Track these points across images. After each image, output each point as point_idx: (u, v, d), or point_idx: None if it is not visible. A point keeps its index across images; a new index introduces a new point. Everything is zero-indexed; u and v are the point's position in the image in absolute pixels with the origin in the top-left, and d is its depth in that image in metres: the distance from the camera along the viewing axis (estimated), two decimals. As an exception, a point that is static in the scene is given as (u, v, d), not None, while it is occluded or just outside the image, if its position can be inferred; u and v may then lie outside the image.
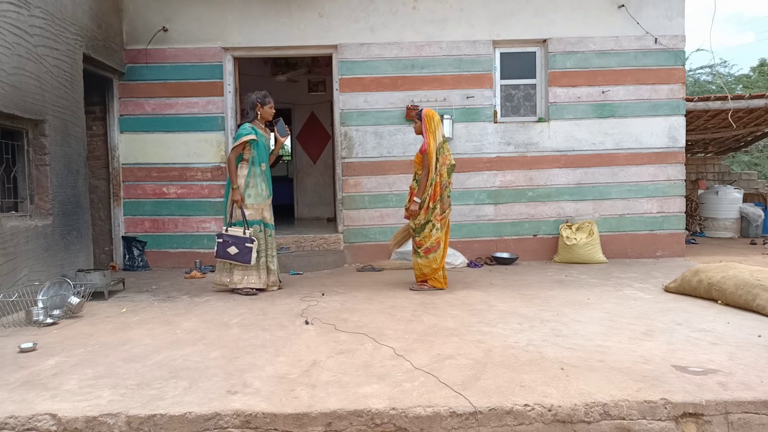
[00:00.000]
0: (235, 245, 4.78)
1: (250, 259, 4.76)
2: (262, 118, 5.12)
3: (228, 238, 4.82)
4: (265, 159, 5.10)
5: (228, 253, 4.79)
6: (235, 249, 4.77)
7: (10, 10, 4.39)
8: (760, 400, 2.41)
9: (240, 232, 4.82)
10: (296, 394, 2.51)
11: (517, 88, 6.88)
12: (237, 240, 4.79)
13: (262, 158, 5.06)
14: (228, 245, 4.79)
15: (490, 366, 2.84)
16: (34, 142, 4.89)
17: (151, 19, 6.56)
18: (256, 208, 4.98)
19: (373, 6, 6.60)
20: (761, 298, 3.89)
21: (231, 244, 4.79)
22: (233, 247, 4.78)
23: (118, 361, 3.05)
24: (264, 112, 5.09)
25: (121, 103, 6.63)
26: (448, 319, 3.85)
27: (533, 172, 6.73)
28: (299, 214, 10.20)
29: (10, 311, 4.04)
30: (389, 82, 6.65)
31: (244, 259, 4.76)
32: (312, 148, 10.25)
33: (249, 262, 4.77)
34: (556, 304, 4.29)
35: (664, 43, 6.61)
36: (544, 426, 2.34)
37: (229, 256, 4.79)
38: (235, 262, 4.81)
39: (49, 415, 2.35)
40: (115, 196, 6.67)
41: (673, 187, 6.77)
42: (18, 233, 4.48)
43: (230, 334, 3.57)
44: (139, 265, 6.48)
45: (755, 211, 9.16)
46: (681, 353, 3.01)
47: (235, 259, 4.79)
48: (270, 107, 5.12)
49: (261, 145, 5.02)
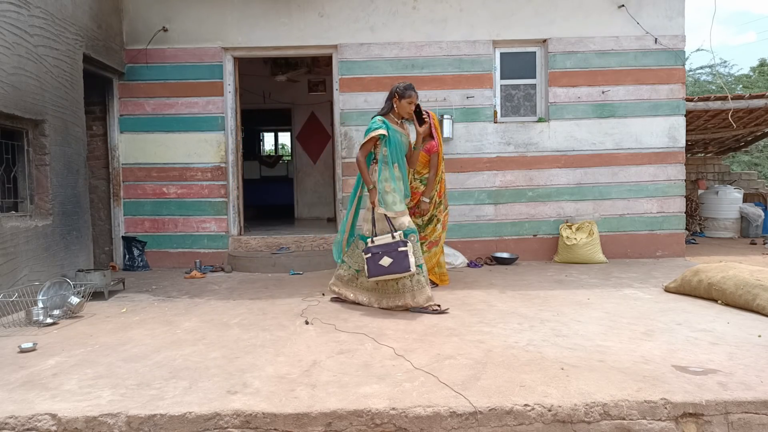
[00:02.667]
0: (386, 255, 4.05)
1: (410, 265, 4.00)
2: (398, 113, 4.40)
3: (377, 250, 4.09)
4: (399, 159, 4.33)
5: (382, 267, 4.05)
6: (388, 259, 4.04)
7: (10, 10, 4.39)
8: (760, 400, 2.41)
9: (387, 238, 4.10)
10: (296, 394, 2.51)
11: (517, 88, 6.88)
12: (387, 248, 4.06)
13: (396, 158, 4.30)
14: (379, 257, 4.06)
15: (490, 366, 2.84)
16: (34, 142, 4.89)
17: (151, 19, 6.56)
18: (390, 216, 4.22)
19: (373, 6, 6.60)
20: (761, 298, 3.89)
21: (382, 255, 4.06)
22: (385, 257, 4.04)
23: (118, 361, 3.05)
24: (401, 106, 4.36)
25: (121, 103, 6.63)
26: (448, 319, 3.85)
27: (533, 172, 6.73)
28: (299, 214, 10.20)
29: (10, 311, 4.04)
30: (389, 82, 6.60)
31: (403, 267, 4.01)
32: (312, 148, 10.25)
33: (409, 269, 4.00)
34: (556, 304, 4.29)
35: (664, 43, 6.61)
36: (544, 426, 2.34)
37: (383, 270, 4.05)
38: (393, 275, 4.06)
39: (49, 415, 2.35)
40: (115, 196, 6.67)
41: (673, 187, 6.77)
42: (18, 233, 4.48)
43: (230, 334, 3.57)
44: (139, 265, 6.49)
45: (755, 211, 9.16)
46: (681, 353, 3.01)
47: (393, 271, 4.04)
48: (409, 102, 4.35)
49: (394, 142, 4.27)
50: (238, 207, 6.85)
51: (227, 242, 6.70)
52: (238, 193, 6.82)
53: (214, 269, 6.34)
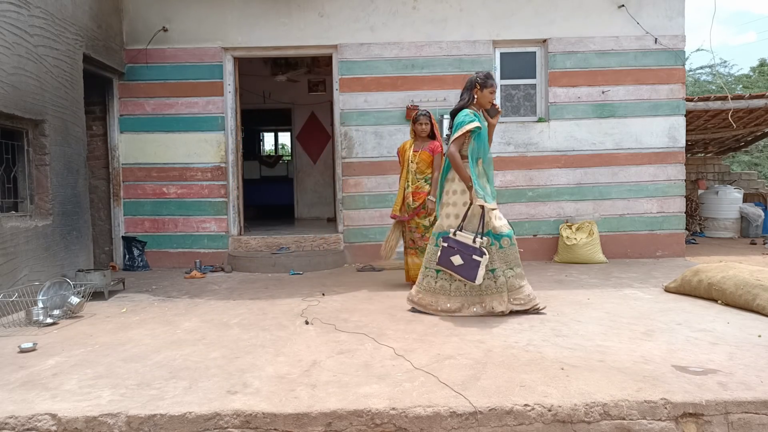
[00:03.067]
0: (460, 254, 3.82)
1: (475, 277, 3.75)
2: (478, 104, 4.08)
3: (454, 245, 3.87)
4: (485, 154, 4.06)
5: (451, 263, 3.86)
6: (459, 259, 3.82)
7: (10, 10, 4.39)
8: (760, 400, 2.41)
9: (470, 239, 3.83)
10: (296, 394, 2.51)
11: (517, 88, 6.88)
12: (463, 249, 3.83)
13: (483, 152, 4.03)
14: (452, 252, 3.86)
15: (490, 366, 2.84)
16: (34, 142, 4.89)
17: (151, 19, 6.56)
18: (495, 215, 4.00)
19: (373, 6, 6.60)
20: (761, 298, 3.88)
21: (456, 252, 3.84)
22: (458, 256, 3.83)
23: (118, 361, 3.05)
24: (482, 96, 4.05)
25: (121, 103, 6.63)
26: (447, 319, 3.85)
27: (533, 172, 6.73)
28: (299, 214, 10.20)
29: (10, 311, 4.04)
30: (389, 82, 6.65)
31: (469, 275, 3.78)
32: (312, 148, 10.26)
33: (473, 280, 3.77)
34: (556, 304, 4.29)
35: (664, 43, 6.61)
36: (544, 426, 2.34)
37: (452, 266, 3.87)
38: (457, 276, 3.88)
39: (49, 415, 2.35)
40: (115, 196, 6.67)
41: (673, 187, 6.77)
42: (18, 233, 4.48)
43: (230, 334, 3.57)
44: (139, 265, 6.49)
45: (755, 211, 9.16)
46: (681, 353, 3.01)
47: (458, 273, 3.85)
48: (491, 92, 4.05)
49: (484, 135, 4.01)
50: (238, 207, 6.85)
51: (227, 242, 6.70)
52: (238, 193, 6.82)
53: (214, 269, 6.34)
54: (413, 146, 5.06)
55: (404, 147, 5.15)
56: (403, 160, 5.10)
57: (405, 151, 5.10)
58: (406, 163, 5.06)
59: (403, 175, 5.08)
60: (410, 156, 5.02)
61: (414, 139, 5.10)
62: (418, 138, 5.06)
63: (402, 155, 5.15)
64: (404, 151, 5.12)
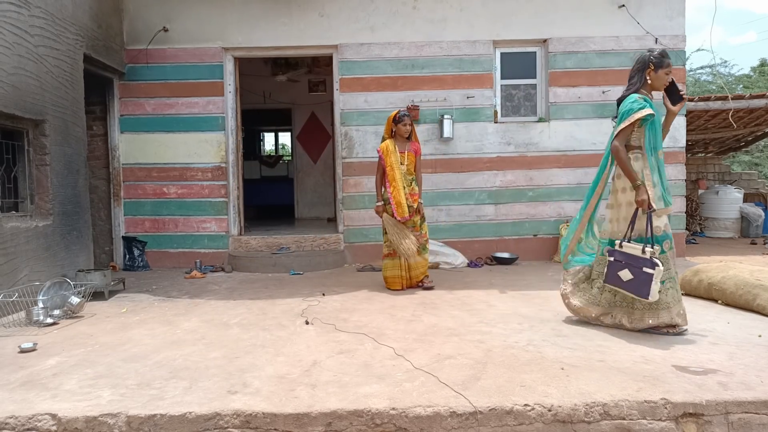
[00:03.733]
0: (629, 268, 3.31)
1: (648, 293, 3.20)
2: (652, 87, 3.54)
3: (621, 257, 3.37)
4: (661, 144, 3.57)
5: (619, 279, 3.36)
6: (628, 273, 3.30)
7: (11, 10, 4.40)
8: (760, 400, 2.41)
9: (638, 250, 3.30)
10: (296, 394, 2.51)
11: (518, 88, 6.88)
12: (632, 261, 3.30)
13: (658, 143, 3.53)
14: (620, 267, 3.35)
15: (490, 366, 2.84)
16: (35, 142, 4.89)
17: (152, 19, 6.56)
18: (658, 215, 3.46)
19: (373, 6, 6.59)
20: (761, 298, 3.88)
21: (624, 265, 3.33)
22: (626, 270, 3.31)
23: (118, 361, 3.05)
24: (656, 78, 3.50)
25: (121, 103, 6.63)
26: (448, 319, 3.85)
27: (533, 172, 6.73)
28: (299, 214, 10.20)
29: (10, 311, 4.04)
30: (389, 82, 6.65)
31: (641, 292, 3.24)
32: (312, 148, 10.26)
33: (646, 297, 3.22)
34: (556, 304, 4.28)
35: (665, 43, 6.60)
36: (544, 426, 2.34)
37: (620, 282, 3.36)
38: (628, 293, 3.36)
39: (49, 415, 2.35)
40: (116, 196, 6.67)
41: (673, 187, 6.75)
42: (18, 233, 4.48)
43: (230, 334, 3.57)
44: (140, 265, 6.49)
45: (755, 211, 9.16)
46: (681, 353, 3.01)
47: (628, 289, 3.33)
48: (666, 72, 3.49)
49: (658, 123, 3.49)
50: (239, 207, 6.85)
51: (227, 242, 6.70)
52: (238, 193, 6.82)
53: (214, 269, 6.34)
54: (397, 147, 4.99)
55: (388, 147, 4.97)
56: (390, 161, 4.94)
57: (390, 153, 4.95)
58: (396, 164, 4.94)
59: (396, 176, 4.92)
60: (398, 158, 4.96)
61: (394, 139, 5.03)
62: (399, 139, 5.02)
63: (387, 156, 4.96)
64: (389, 152, 4.95)
